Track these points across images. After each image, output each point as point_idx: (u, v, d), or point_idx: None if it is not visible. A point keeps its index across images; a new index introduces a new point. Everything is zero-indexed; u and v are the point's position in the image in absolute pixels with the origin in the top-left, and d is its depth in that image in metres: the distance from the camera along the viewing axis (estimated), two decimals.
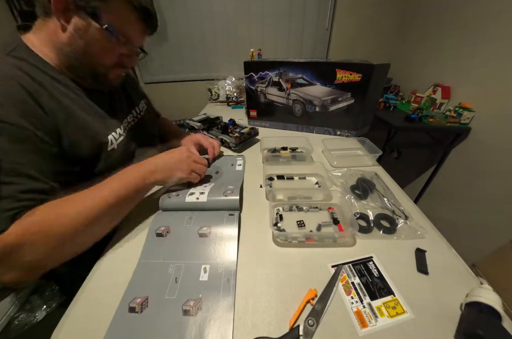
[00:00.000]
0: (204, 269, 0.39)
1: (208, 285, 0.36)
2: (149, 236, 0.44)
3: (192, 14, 1.75)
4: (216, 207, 0.48)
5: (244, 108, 1.16)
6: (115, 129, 0.53)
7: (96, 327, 0.32)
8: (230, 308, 0.33)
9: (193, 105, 1.64)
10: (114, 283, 0.37)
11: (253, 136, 0.82)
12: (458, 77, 1.33)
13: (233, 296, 0.35)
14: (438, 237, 0.45)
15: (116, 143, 0.52)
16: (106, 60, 0.47)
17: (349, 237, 0.45)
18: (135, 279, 0.38)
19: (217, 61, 1.96)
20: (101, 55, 0.46)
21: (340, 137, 0.88)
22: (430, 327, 0.32)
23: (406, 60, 1.77)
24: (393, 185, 0.60)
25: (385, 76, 0.83)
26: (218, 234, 0.43)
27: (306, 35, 1.88)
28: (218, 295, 0.35)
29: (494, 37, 1.13)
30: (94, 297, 0.36)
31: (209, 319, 0.32)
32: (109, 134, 0.51)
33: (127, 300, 0.35)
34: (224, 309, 0.33)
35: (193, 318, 0.32)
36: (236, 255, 0.41)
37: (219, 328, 0.31)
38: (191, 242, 0.42)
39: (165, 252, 0.42)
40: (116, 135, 0.52)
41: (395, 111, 1.51)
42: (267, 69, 0.86)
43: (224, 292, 0.35)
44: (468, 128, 1.25)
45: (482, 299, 0.31)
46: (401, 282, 0.37)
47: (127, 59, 0.50)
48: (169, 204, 0.50)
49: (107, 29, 0.41)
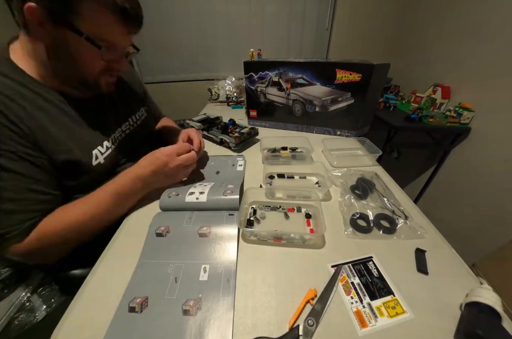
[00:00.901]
0: (204, 269, 0.39)
1: (208, 285, 0.36)
2: (149, 236, 0.44)
3: (192, 14, 1.75)
4: (216, 207, 0.48)
5: (244, 108, 1.16)
6: (102, 143, 0.52)
7: (96, 327, 0.32)
8: (229, 308, 0.33)
9: (193, 105, 1.64)
10: (114, 283, 0.37)
11: (253, 136, 0.82)
12: (458, 77, 1.33)
13: (233, 296, 0.35)
14: (438, 237, 0.45)
15: (103, 157, 0.51)
16: (93, 68, 0.46)
17: (319, 238, 0.45)
18: (135, 279, 0.38)
19: (217, 61, 1.96)
20: (87, 64, 0.45)
21: (340, 137, 0.88)
22: (430, 327, 0.32)
23: (406, 60, 1.77)
24: (393, 185, 0.60)
25: (385, 76, 0.83)
26: (218, 234, 0.43)
27: (306, 35, 1.88)
28: (218, 295, 0.35)
29: (494, 37, 1.13)
30: (94, 297, 0.36)
31: (209, 319, 0.32)
32: (94, 148, 0.50)
33: (127, 300, 0.35)
34: (224, 308, 0.33)
35: (193, 318, 0.32)
36: (236, 255, 0.41)
37: (219, 327, 0.31)
38: (191, 242, 0.42)
39: (165, 252, 0.42)
40: (102, 148, 0.52)
41: (395, 111, 1.51)
42: (267, 69, 0.86)
43: (224, 292, 0.35)
44: (468, 128, 1.25)
45: (482, 299, 0.31)
46: (401, 282, 0.37)
47: (115, 64, 0.48)
48: (169, 204, 0.50)
49: (87, 38, 0.40)
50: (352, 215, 0.49)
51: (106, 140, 0.53)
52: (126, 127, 0.62)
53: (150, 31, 1.78)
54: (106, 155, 0.52)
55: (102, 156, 0.51)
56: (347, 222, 0.48)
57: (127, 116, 0.63)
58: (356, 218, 0.48)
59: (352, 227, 0.47)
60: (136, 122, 0.66)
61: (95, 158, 0.50)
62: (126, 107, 0.64)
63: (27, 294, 0.58)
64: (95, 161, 0.50)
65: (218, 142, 0.82)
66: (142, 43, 1.83)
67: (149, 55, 1.87)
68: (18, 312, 0.55)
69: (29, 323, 0.54)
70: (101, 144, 0.52)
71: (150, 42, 1.82)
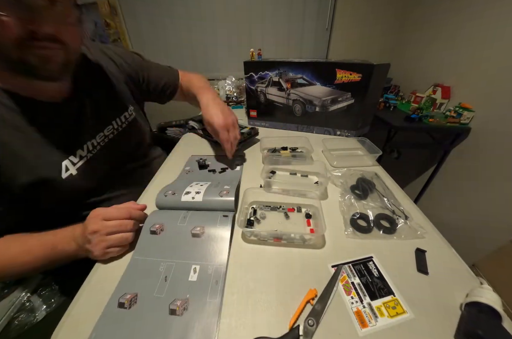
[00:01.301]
0: (194, 269, 0.39)
1: (197, 286, 0.36)
2: (143, 232, 0.44)
3: (193, 14, 1.75)
4: (211, 207, 0.48)
5: (244, 108, 1.16)
6: (75, 152, 0.47)
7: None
8: (215, 311, 0.33)
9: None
10: (114, 283, 0.37)
11: (253, 136, 0.83)
12: (458, 77, 1.33)
13: (220, 298, 0.35)
14: (438, 237, 0.45)
15: (75, 168, 0.47)
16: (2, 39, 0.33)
17: (319, 238, 0.45)
18: (127, 274, 0.38)
19: (217, 61, 1.96)
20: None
21: (340, 137, 0.88)
22: (430, 327, 0.32)
23: (406, 60, 1.77)
24: (393, 185, 0.60)
25: (385, 76, 0.83)
26: (211, 235, 0.43)
27: (306, 35, 1.88)
28: (205, 296, 0.35)
29: (494, 37, 1.13)
30: (94, 297, 0.36)
31: (194, 320, 0.32)
32: (64, 159, 0.46)
33: (118, 296, 0.35)
34: (210, 311, 0.33)
35: (178, 318, 0.32)
36: (226, 257, 0.40)
37: (203, 330, 0.31)
38: (184, 242, 0.42)
39: (157, 250, 0.42)
40: (75, 158, 0.47)
41: (395, 111, 1.51)
42: (267, 69, 0.86)
43: (211, 294, 0.35)
44: (468, 128, 1.25)
45: (482, 299, 0.31)
46: (401, 282, 0.37)
47: (37, 23, 0.33)
48: (165, 203, 0.50)
49: None
50: (352, 215, 0.49)
51: (80, 148, 0.48)
52: (109, 132, 0.55)
53: (150, 31, 1.78)
54: (80, 165, 0.48)
55: (74, 167, 0.47)
56: (347, 222, 0.48)
57: (111, 119, 0.56)
58: (356, 218, 0.48)
59: (352, 227, 0.47)
60: (121, 125, 0.59)
61: (65, 170, 0.45)
62: (110, 108, 0.57)
63: (27, 294, 0.58)
64: (65, 173, 0.45)
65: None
66: (143, 43, 1.84)
67: (149, 55, 1.87)
68: (18, 312, 0.55)
69: (29, 323, 0.54)
70: (74, 154, 0.47)
71: (150, 42, 1.82)
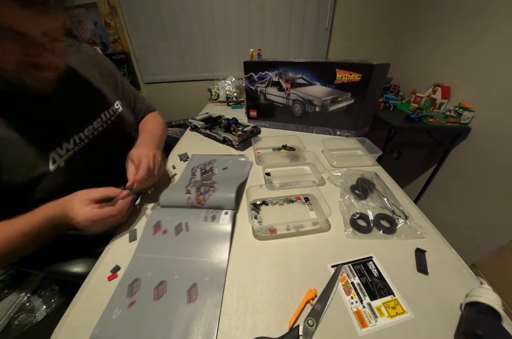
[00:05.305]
0: (196, 266, 0.39)
1: (199, 282, 0.37)
2: (145, 230, 0.45)
3: (192, 14, 1.75)
4: (212, 205, 0.49)
5: (244, 108, 1.16)
6: (61, 144, 0.47)
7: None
8: (217, 305, 0.34)
9: (193, 105, 1.64)
10: (114, 282, 0.38)
11: (255, 134, 0.84)
12: (458, 77, 1.33)
13: (221, 293, 0.36)
14: (438, 237, 0.45)
15: (63, 160, 0.47)
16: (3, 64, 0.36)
17: (324, 222, 0.48)
18: (128, 272, 0.39)
19: (217, 61, 1.96)
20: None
21: (340, 137, 0.88)
22: (430, 327, 0.32)
23: (406, 60, 1.77)
24: (393, 185, 0.60)
25: (385, 76, 0.83)
26: (212, 232, 0.44)
27: (306, 35, 1.88)
28: (207, 292, 0.36)
29: (494, 37, 1.13)
30: (94, 297, 0.36)
31: (196, 315, 0.33)
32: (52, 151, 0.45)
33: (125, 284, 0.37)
34: (212, 305, 0.34)
35: (180, 314, 0.33)
36: (227, 253, 0.41)
37: (206, 324, 0.32)
38: (186, 239, 0.43)
39: (159, 247, 0.42)
40: (62, 150, 0.47)
41: (395, 111, 1.51)
42: (267, 69, 0.86)
43: (213, 289, 0.36)
44: (468, 128, 1.25)
45: (482, 299, 0.31)
46: (401, 282, 0.37)
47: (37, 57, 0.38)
48: (168, 201, 0.51)
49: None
50: (352, 215, 0.49)
51: (66, 141, 0.48)
52: (99, 125, 0.56)
53: (150, 31, 1.78)
54: (68, 157, 0.48)
55: (62, 159, 0.47)
56: (347, 222, 0.48)
57: (99, 112, 0.57)
58: (356, 218, 0.48)
59: (352, 227, 0.47)
60: (110, 118, 0.60)
61: (53, 162, 0.45)
62: (98, 101, 0.58)
63: (27, 294, 0.58)
64: (52, 165, 0.45)
65: (221, 140, 0.82)
66: (143, 43, 1.84)
67: (149, 55, 1.87)
68: (18, 312, 0.55)
69: (29, 323, 0.54)
70: (60, 146, 0.47)
71: (150, 42, 1.82)
